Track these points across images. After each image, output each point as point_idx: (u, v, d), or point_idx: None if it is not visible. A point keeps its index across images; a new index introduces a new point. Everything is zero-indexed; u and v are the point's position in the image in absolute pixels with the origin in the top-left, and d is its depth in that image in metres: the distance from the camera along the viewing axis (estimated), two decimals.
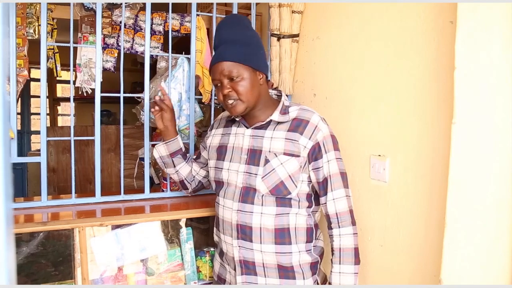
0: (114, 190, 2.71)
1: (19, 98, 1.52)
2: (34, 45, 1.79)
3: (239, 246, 1.30)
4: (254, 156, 1.29)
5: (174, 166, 1.54)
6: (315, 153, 1.27)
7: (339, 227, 1.28)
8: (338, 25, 1.66)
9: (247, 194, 1.28)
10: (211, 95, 1.89)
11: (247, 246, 1.28)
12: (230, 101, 1.27)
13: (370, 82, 1.47)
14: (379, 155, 1.41)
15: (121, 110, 1.70)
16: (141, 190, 1.79)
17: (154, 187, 2.49)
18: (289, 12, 1.86)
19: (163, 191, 1.85)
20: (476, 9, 0.98)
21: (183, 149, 1.55)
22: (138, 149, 2.64)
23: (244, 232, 1.28)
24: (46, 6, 1.49)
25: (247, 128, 1.34)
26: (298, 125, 1.28)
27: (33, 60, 1.90)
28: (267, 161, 1.26)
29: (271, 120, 1.31)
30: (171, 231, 1.68)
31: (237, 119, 1.36)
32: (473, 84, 0.99)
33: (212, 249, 1.70)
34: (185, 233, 1.63)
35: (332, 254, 1.29)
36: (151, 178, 2.54)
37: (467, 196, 1.01)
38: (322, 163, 1.28)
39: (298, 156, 1.26)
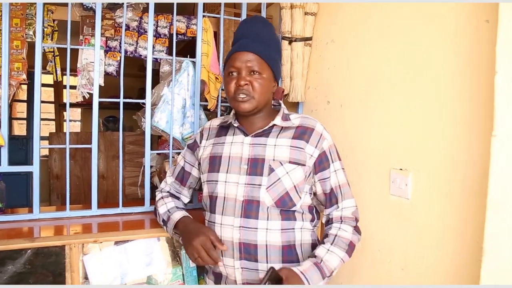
0: (118, 199, 2.62)
1: (11, 103, 1.42)
2: (34, 48, 1.70)
3: (241, 268, 1.17)
4: (256, 166, 1.18)
5: None
6: (322, 163, 1.21)
7: (340, 223, 1.22)
8: (355, 28, 1.55)
9: (250, 208, 1.16)
10: (217, 101, 1.78)
11: (251, 267, 1.17)
12: (242, 96, 1.18)
13: (391, 89, 1.35)
14: (401, 169, 1.29)
15: (120, 116, 1.60)
16: (142, 202, 1.68)
17: None
18: (301, 13, 1.76)
19: None
20: None
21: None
22: (143, 157, 2.53)
23: (248, 252, 1.16)
24: (42, 6, 1.39)
25: (246, 136, 1.24)
26: (303, 133, 1.22)
27: (33, 64, 1.81)
28: (271, 170, 1.17)
29: (272, 126, 1.23)
30: (172, 248, 1.56)
31: (235, 125, 1.26)
32: None
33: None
34: None
35: (325, 237, 1.21)
36: (156, 187, 2.43)
37: (510, 220, 0.87)
38: (329, 173, 1.22)
39: (304, 165, 1.19)
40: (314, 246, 1.24)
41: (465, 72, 1.06)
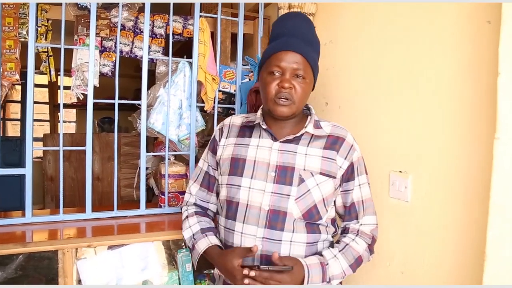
0: (113, 201, 2.59)
1: (4, 104, 1.39)
2: (27, 48, 1.67)
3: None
4: (284, 174, 1.11)
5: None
6: (347, 174, 1.16)
7: (356, 235, 1.17)
8: (354, 28, 1.53)
9: (276, 219, 1.09)
10: (214, 103, 1.75)
11: None
12: (283, 99, 1.09)
13: (391, 90, 1.34)
14: (400, 172, 1.28)
15: (115, 117, 1.57)
16: (138, 205, 1.64)
17: (154, 201, 2.34)
18: None
19: (160, 206, 1.70)
20: None
21: (214, 228, 1.24)
22: (139, 158, 2.51)
23: (270, 265, 1.07)
24: (35, 5, 1.36)
25: (275, 140, 1.15)
26: (334, 143, 1.15)
27: (27, 64, 1.78)
28: (301, 180, 1.10)
29: (303, 134, 1.15)
30: (168, 251, 1.53)
31: (263, 127, 1.17)
32: None
33: (212, 271, 1.55)
34: (183, 254, 1.47)
35: (337, 243, 1.18)
36: (151, 189, 2.40)
37: None
38: (353, 186, 1.16)
39: (334, 177, 1.13)
40: None
41: (466, 73, 1.05)
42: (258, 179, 1.12)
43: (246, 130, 1.22)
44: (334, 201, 1.18)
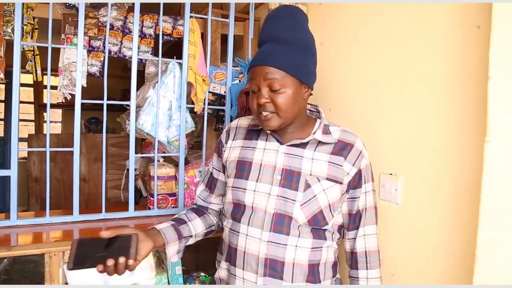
0: (100, 202, 2.55)
1: None
2: (12, 46, 1.63)
3: (264, 285, 1.08)
4: (290, 178, 1.09)
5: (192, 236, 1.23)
6: (355, 181, 1.14)
7: (367, 269, 1.14)
8: (345, 30, 1.53)
9: (281, 223, 1.08)
10: (204, 104, 1.74)
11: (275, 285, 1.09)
12: (265, 113, 1.07)
13: (381, 93, 1.34)
14: (391, 174, 1.28)
15: (104, 118, 1.54)
16: (126, 207, 1.62)
17: (142, 203, 2.32)
18: None
19: (149, 208, 1.68)
20: None
21: (178, 224, 1.19)
22: (126, 159, 2.48)
23: (274, 268, 1.07)
24: (20, 3, 1.33)
25: (281, 144, 1.14)
26: (342, 149, 1.13)
27: (12, 63, 1.74)
28: (308, 185, 1.09)
29: (311, 139, 1.14)
30: (156, 254, 1.51)
31: (268, 131, 1.15)
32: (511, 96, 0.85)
33: (202, 274, 1.54)
34: None
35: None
36: (139, 191, 2.37)
37: (505, 227, 0.86)
38: (359, 194, 1.15)
39: (341, 183, 1.11)
40: (335, 265, 1.18)
41: (457, 76, 1.05)
42: (264, 182, 1.11)
43: (253, 132, 1.20)
44: (340, 207, 1.17)
